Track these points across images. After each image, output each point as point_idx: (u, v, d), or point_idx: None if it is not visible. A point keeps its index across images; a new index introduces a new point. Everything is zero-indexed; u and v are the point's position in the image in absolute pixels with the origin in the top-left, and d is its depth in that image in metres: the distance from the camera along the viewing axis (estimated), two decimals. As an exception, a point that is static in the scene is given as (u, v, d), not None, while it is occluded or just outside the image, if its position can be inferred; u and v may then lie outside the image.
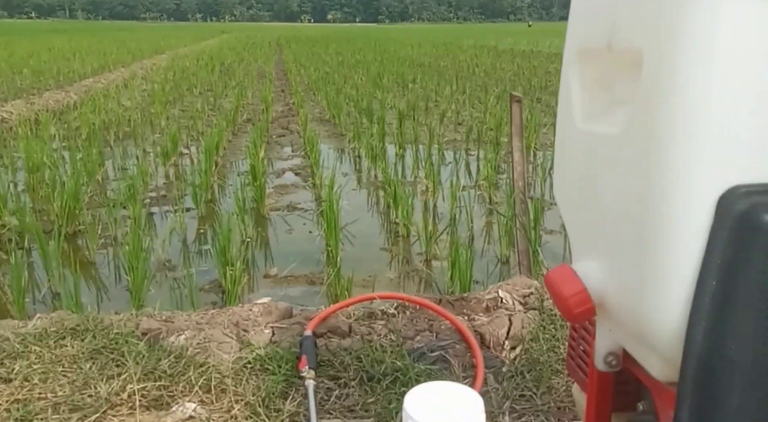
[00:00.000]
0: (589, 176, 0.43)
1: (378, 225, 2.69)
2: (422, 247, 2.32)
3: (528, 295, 1.18)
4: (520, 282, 1.22)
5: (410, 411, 0.34)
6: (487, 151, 3.47)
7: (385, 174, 2.95)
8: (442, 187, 3.02)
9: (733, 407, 0.34)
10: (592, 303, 0.41)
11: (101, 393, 0.75)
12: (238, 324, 1.03)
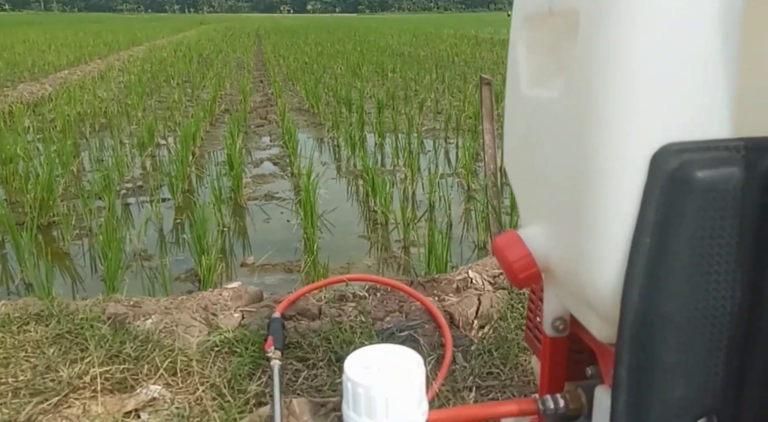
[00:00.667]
0: (533, 142, 0.43)
1: (357, 214, 2.69)
2: (400, 234, 2.33)
3: (498, 275, 1.19)
4: (491, 263, 1.23)
5: (349, 373, 0.34)
6: (465, 138, 3.48)
7: (364, 162, 2.94)
8: (421, 175, 3.02)
9: (669, 364, 0.34)
10: (537, 267, 0.42)
11: (63, 377, 0.74)
12: (206, 308, 1.02)
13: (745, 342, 0.35)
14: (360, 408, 0.33)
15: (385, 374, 0.34)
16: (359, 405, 0.33)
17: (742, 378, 0.35)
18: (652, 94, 0.34)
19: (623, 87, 0.34)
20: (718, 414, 0.36)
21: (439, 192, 2.66)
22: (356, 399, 0.33)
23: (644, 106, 0.34)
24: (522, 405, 0.44)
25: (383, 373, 0.34)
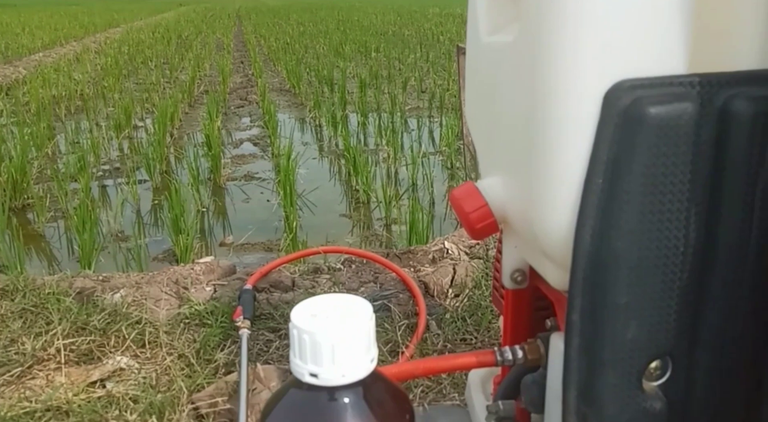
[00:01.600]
0: (491, 90, 0.42)
1: (338, 193, 2.67)
2: (382, 213, 2.32)
3: (473, 246, 1.18)
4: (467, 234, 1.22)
5: (295, 320, 0.33)
6: (449, 117, 3.46)
7: (346, 141, 2.92)
8: (404, 153, 3.00)
9: (621, 305, 0.34)
10: (493, 218, 0.41)
11: (27, 350, 0.72)
12: (178, 281, 1.01)
13: (699, 283, 0.34)
14: (306, 356, 0.32)
15: (332, 320, 0.33)
16: (305, 353, 0.32)
17: (697, 320, 0.35)
18: (604, 30, 0.32)
19: (574, 24, 0.32)
20: (672, 356, 0.35)
21: (422, 170, 2.65)
22: (302, 346, 0.32)
23: (596, 42, 0.32)
24: (480, 357, 0.43)
25: (329, 320, 0.33)
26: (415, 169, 2.62)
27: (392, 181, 2.72)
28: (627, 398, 0.35)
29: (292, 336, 0.33)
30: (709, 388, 0.36)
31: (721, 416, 0.37)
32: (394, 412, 0.35)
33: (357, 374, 0.33)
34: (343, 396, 0.33)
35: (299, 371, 0.33)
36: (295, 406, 0.34)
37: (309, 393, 0.33)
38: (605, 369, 0.35)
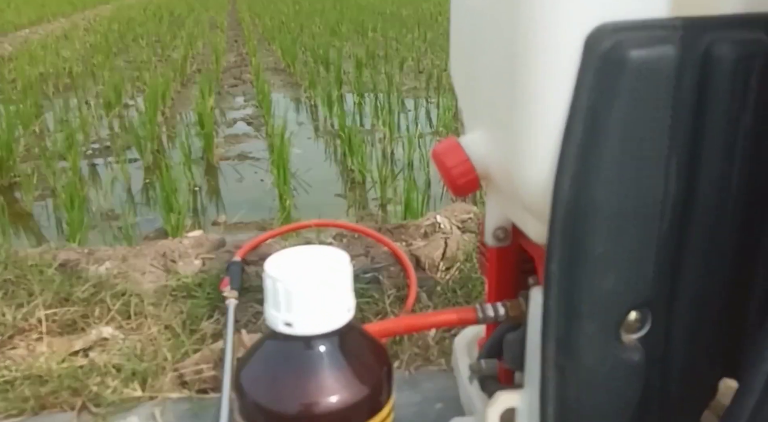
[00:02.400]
0: (473, 44, 0.41)
1: (333, 173, 2.66)
2: (377, 193, 2.31)
3: (466, 220, 1.18)
4: (459, 208, 1.22)
5: (269, 270, 0.32)
6: (447, 98, 3.43)
7: (341, 121, 2.90)
8: (400, 134, 2.99)
9: (599, 255, 0.33)
10: (475, 173, 0.40)
11: (8, 320, 0.72)
12: (165, 254, 1.00)
13: (678, 233, 0.34)
14: (280, 305, 0.32)
15: (306, 269, 0.32)
16: (278, 301, 0.32)
17: (676, 271, 0.34)
18: (585, -29, 0.31)
19: (555, -38, 0.31)
20: (651, 308, 0.35)
21: (418, 151, 2.64)
22: (275, 295, 0.32)
23: (578, -17, 0.31)
24: (461, 314, 0.43)
25: (304, 268, 0.32)
26: (412, 150, 2.60)
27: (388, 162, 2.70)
28: (605, 349, 0.35)
29: (265, 286, 0.33)
30: (688, 341, 0.36)
31: (700, 369, 0.37)
32: (372, 364, 0.34)
33: (333, 323, 0.32)
34: (318, 345, 0.32)
35: (273, 321, 0.32)
36: (271, 356, 0.33)
37: (284, 343, 0.33)
38: (583, 320, 0.34)
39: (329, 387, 0.32)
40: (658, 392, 0.37)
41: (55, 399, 0.56)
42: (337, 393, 0.32)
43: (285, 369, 0.33)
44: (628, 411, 0.37)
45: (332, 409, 0.32)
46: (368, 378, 0.33)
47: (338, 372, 0.33)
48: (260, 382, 0.33)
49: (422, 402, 0.57)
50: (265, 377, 0.33)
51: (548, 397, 0.37)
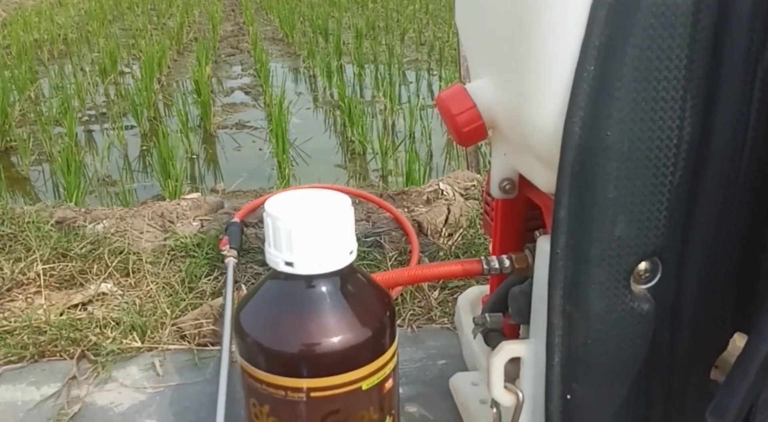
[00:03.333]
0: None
1: (333, 144, 2.64)
2: (378, 164, 2.30)
3: (469, 187, 1.17)
4: (462, 176, 1.21)
5: (269, 209, 0.32)
6: (449, 70, 3.39)
7: (341, 91, 2.86)
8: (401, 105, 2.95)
9: (609, 200, 0.32)
10: (482, 121, 0.39)
11: (6, 274, 0.71)
12: (163, 215, 0.99)
13: (692, 179, 0.33)
14: (281, 244, 0.31)
15: (308, 208, 0.32)
16: (280, 241, 0.31)
17: (688, 219, 0.34)
18: None
19: None
20: (661, 257, 0.35)
21: (420, 122, 2.62)
22: (276, 235, 0.31)
23: None
24: (466, 265, 0.43)
25: (305, 208, 0.32)
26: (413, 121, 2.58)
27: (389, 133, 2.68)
28: (614, 297, 0.35)
29: (266, 225, 0.32)
30: (699, 293, 0.36)
31: (710, 321, 0.37)
32: (375, 307, 0.34)
33: (334, 263, 0.32)
34: (320, 284, 0.32)
35: (274, 260, 0.32)
36: (271, 296, 0.33)
37: (285, 283, 0.32)
38: (592, 267, 0.34)
39: (331, 327, 0.32)
40: (668, 343, 0.37)
41: (54, 347, 0.56)
42: (339, 334, 0.32)
43: (286, 309, 0.32)
44: (636, 362, 0.37)
45: (334, 349, 0.31)
46: (371, 320, 0.33)
47: (340, 313, 0.32)
48: (261, 322, 0.32)
49: (425, 359, 0.57)
50: (266, 317, 0.32)
51: (554, 346, 0.36)
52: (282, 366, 0.31)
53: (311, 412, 0.32)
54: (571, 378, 0.37)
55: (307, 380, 0.31)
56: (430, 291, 0.76)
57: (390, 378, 0.34)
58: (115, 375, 0.53)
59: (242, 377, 0.34)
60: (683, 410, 0.38)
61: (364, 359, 0.32)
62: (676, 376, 0.38)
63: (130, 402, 0.50)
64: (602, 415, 0.38)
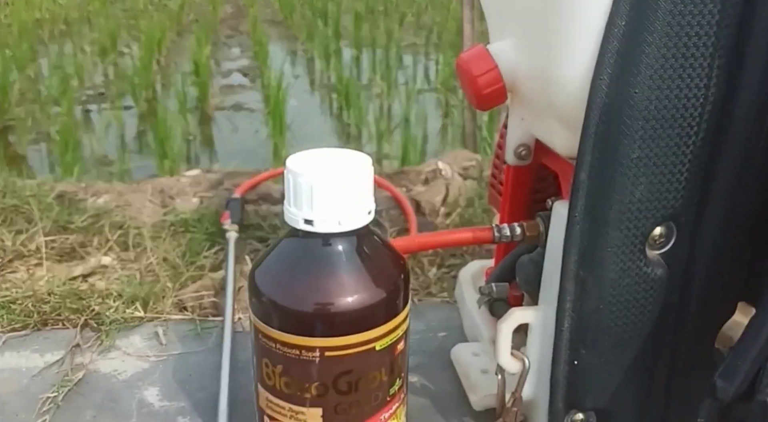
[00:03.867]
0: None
1: (330, 127, 2.63)
2: (374, 147, 2.29)
3: (468, 168, 1.16)
4: (461, 155, 1.20)
5: (291, 166, 0.31)
6: (447, 55, 3.37)
7: (339, 75, 2.84)
8: (398, 89, 2.94)
9: (632, 160, 0.32)
10: (502, 82, 0.38)
11: (7, 245, 0.70)
12: (163, 191, 0.98)
13: (713, 143, 0.32)
14: (301, 201, 0.30)
15: (330, 166, 0.31)
16: (300, 198, 0.30)
17: (707, 183, 0.33)
18: None
19: None
20: (677, 222, 0.34)
21: (416, 106, 2.60)
22: (297, 192, 0.30)
23: None
24: (477, 233, 0.42)
25: (326, 167, 0.31)
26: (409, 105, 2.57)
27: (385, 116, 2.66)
28: (629, 262, 0.34)
29: (286, 182, 0.31)
30: (711, 260, 0.35)
31: (719, 289, 0.36)
32: (390, 269, 0.33)
33: (353, 223, 0.31)
34: (337, 243, 0.31)
35: (293, 218, 0.31)
36: (288, 255, 0.32)
37: (302, 241, 0.32)
38: (609, 229, 0.33)
39: (346, 286, 0.31)
40: (676, 310, 0.36)
41: (58, 316, 0.55)
42: (355, 293, 0.31)
43: (303, 267, 0.31)
44: (645, 328, 0.36)
45: (349, 308, 0.31)
46: (385, 282, 0.32)
47: (356, 273, 0.32)
48: (276, 280, 0.32)
49: (426, 331, 0.57)
50: (282, 275, 0.32)
51: (565, 312, 0.36)
52: (297, 325, 0.31)
53: (324, 372, 0.31)
54: (579, 344, 0.36)
55: (321, 339, 0.31)
56: (428, 268, 0.76)
57: (402, 340, 0.34)
58: (118, 344, 0.53)
59: (254, 337, 0.33)
60: (687, 377, 0.38)
61: (379, 319, 0.32)
62: (682, 343, 0.37)
63: (134, 370, 0.50)
64: (607, 381, 0.37)
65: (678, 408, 0.39)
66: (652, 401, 0.39)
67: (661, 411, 0.39)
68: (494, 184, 0.55)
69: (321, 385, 0.31)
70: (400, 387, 0.35)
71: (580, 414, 0.39)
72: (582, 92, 0.32)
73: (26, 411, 0.44)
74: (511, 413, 0.40)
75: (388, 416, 0.34)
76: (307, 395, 0.32)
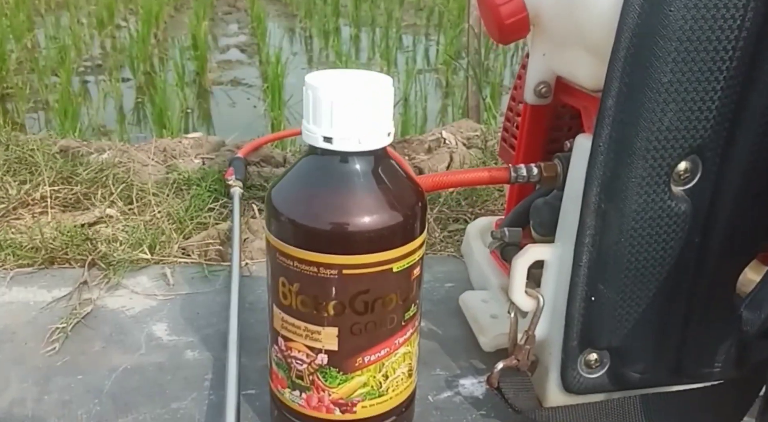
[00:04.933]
0: None
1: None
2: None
3: (472, 137, 1.16)
4: (465, 125, 1.19)
5: (311, 82, 0.30)
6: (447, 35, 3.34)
7: (337, 52, 2.82)
8: (398, 69, 2.92)
9: (663, 84, 0.31)
10: (526, 12, 0.38)
11: (12, 194, 0.69)
12: (165, 151, 0.97)
13: (747, 70, 0.32)
14: (320, 118, 0.30)
15: (350, 83, 0.30)
16: (320, 115, 0.30)
17: (737, 115, 0.33)
18: None
19: None
20: (703, 155, 0.34)
21: (415, 86, 2.58)
22: (317, 109, 0.30)
23: None
24: (493, 173, 0.42)
25: (348, 83, 0.30)
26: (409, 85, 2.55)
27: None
28: (653, 194, 0.34)
29: (306, 99, 0.31)
30: (735, 199, 0.35)
31: (741, 231, 0.36)
32: (408, 193, 0.33)
33: (373, 142, 0.30)
34: (356, 162, 0.31)
35: (312, 136, 0.31)
36: (306, 173, 0.32)
37: (321, 159, 0.31)
38: (635, 159, 0.33)
39: (365, 205, 0.31)
40: (697, 249, 0.36)
41: (65, 255, 0.55)
42: (373, 213, 0.30)
43: (321, 185, 0.31)
44: (665, 266, 0.36)
45: (368, 227, 0.30)
46: (403, 205, 0.32)
47: (375, 193, 0.31)
48: (295, 198, 0.31)
49: (433, 281, 0.57)
50: (300, 193, 0.31)
51: (583, 247, 0.36)
52: (316, 242, 0.30)
53: (342, 290, 0.31)
54: (597, 279, 0.36)
55: (340, 257, 0.30)
56: (433, 228, 0.76)
57: (418, 266, 0.34)
58: (125, 283, 0.52)
59: (270, 257, 0.33)
60: (705, 321, 0.38)
61: (396, 241, 0.31)
62: (702, 285, 0.37)
63: (141, 307, 0.49)
64: (624, 319, 0.37)
65: (694, 351, 0.39)
66: (668, 343, 0.38)
67: (677, 355, 0.39)
68: (506, 138, 0.54)
69: (338, 304, 0.31)
70: (415, 313, 0.34)
71: (594, 354, 0.39)
72: (612, 14, 0.31)
73: (35, 340, 0.44)
74: (524, 350, 0.39)
75: (402, 341, 0.34)
76: (324, 314, 0.31)
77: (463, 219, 0.88)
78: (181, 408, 0.39)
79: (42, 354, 0.43)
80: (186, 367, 0.43)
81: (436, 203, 0.93)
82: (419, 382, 0.40)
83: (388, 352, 0.33)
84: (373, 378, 0.33)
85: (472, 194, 0.94)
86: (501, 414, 0.41)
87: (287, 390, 0.34)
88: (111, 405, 0.39)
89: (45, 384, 0.41)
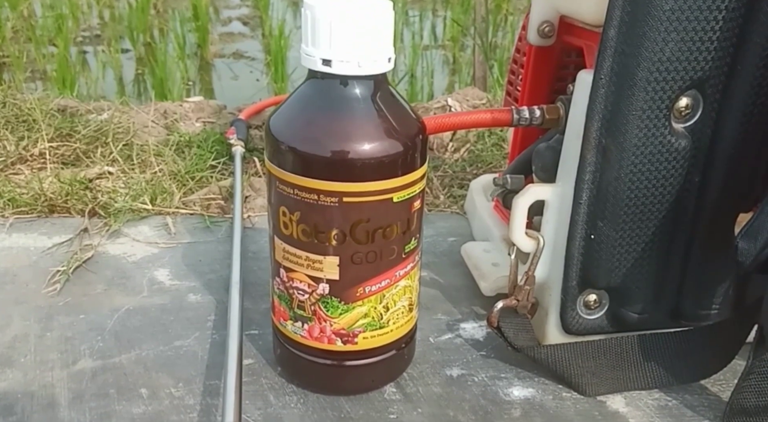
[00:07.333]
0: None
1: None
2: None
3: (478, 105, 1.15)
4: (472, 93, 1.18)
5: (309, 1, 0.30)
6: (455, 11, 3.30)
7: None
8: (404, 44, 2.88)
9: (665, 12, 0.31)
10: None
11: (11, 150, 0.69)
12: (166, 114, 0.97)
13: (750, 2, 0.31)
14: (319, 40, 0.30)
15: (350, 5, 0.30)
16: (318, 37, 0.30)
17: (738, 48, 0.33)
18: None
19: None
20: (703, 91, 0.34)
21: (422, 62, 2.56)
22: (315, 30, 0.30)
23: None
24: (496, 114, 0.41)
25: (347, 7, 0.30)
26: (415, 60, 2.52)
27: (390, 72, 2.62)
28: (653, 128, 0.34)
29: (304, 21, 0.30)
30: (735, 138, 0.35)
31: (742, 170, 0.36)
32: (409, 124, 0.33)
33: (373, 67, 0.30)
34: (356, 87, 0.31)
35: (311, 59, 0.30)
36: (305, 98, 0.32)
37: (319, 83, 0.31)
38: (636, 91, 0.33)
39: (365, 132, 0.31)
40: (697, 188, 0.36)
41: (65, 203, 0.55)
42: (374, 140, 0.30)
43: (320, 111, 0.31)
44: (666, 201, 0.36)
45: (368, 154, 0.30)
46: (404, 134, 0.32)
47: (375, 119, 0.31)
48: (294, 124, 0.31)
49: (436, 236, 0.57)
50: (299, 119, 0.31)
51: (584, 184, 0.36)
52: (316, 168, 0.30)
53: (342, 218, 0.31)
54: (597, 217, 0.36)
55: (340, 183, 0.30)
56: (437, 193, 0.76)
57: (419, 199, 0.34)
58: (126, 232, 0.53)
59: (271, 186, 0.33)
60: (704, 261, 0.38)
61: (396, 170, 0.31)
62: (701, 225, 0.37)
63: (143, 253, 0.50)
64: (623, 257, 0.37)
65: (692, 293, 0.39)
66: (667, 283, 0.39)
67: (675, 295, 0.39)
68: (510, 91, 0.54)
69: (339, 233, 0.31)
70: (415, 248, 0.35)
71: (594, 294, 0.39)
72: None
73: (36, 282, 0.44)
74: (524, 291, 0.40)
75: (402, 274, 0.34)
76: (325, 243, 0.31)
77: (467, 184, 0.88)
78: (184, 345, 0.40)
79: (43, 295, 0.44)
80: (189, 309, 0.43)
81: (439, 169, 0.93)
82: (420, 325, 0.40)
83: (388, 284, 0.33)
84: (374, 309, 0.33)
85: (476, 162, 0.94)
86: (501, 354, 0.41)
87: (289, 322, 0.34)
88: (114, 342, 0.40)
89: (47, 321, 0.41)
